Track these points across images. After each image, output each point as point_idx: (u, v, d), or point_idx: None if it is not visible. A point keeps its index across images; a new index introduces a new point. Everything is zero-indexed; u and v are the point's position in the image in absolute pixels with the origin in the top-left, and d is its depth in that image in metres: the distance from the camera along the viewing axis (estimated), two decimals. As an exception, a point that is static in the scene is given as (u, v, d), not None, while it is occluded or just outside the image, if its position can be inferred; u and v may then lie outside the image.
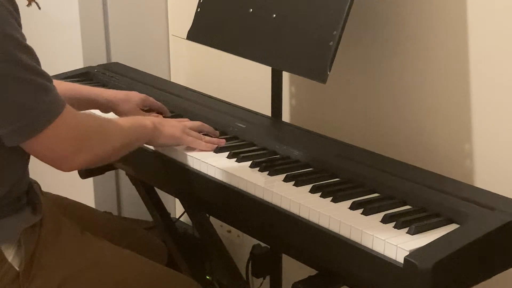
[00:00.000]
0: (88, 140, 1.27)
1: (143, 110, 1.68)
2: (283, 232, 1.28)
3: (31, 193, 1.35)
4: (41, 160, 1.26)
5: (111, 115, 1.64)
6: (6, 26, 1.16)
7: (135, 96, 1.67)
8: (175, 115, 1.71)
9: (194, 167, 1.46)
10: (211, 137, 1.54)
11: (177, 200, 2.42)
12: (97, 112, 1.65)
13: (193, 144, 1.49)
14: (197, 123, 1.56)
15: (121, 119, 1.46)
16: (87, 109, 1.65)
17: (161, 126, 1.46)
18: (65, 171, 1.28)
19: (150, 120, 1.46)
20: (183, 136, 1.49)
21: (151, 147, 1.54)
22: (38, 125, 1.20)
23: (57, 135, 1.22)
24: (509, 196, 1.27)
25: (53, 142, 1.22)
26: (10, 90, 1.17)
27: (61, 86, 1.30)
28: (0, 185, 1.26)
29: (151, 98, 1.70)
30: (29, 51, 1.20)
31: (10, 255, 1.27)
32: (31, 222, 1.31)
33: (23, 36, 1.20)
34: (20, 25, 1.21)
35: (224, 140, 1.54)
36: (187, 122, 1.55)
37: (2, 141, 1.21)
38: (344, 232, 1.17)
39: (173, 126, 1.49)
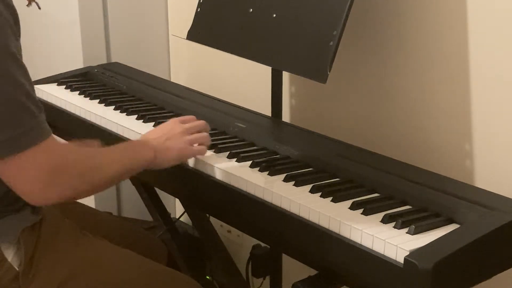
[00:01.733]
0: (65, 175, 1.19)
1: None
2: (283, 232, 1.28)
3: None
4: (12, 188, 1.19)
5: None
6: (4, 39, 1.13)
7: None
8: (175, 115, 1.71)
9: (194, 167, 1.46)
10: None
11: (177, 200, 2.42)
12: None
13: (199, 154, 1.44)
14: (196, 126, 1.48)
15: (117, 148, 1.36)
16: None
17: (161, 153, 1.37)
18: (33, 203, 1.21)
19: (152, 148, 1.37)
20: (187, 153, 1.43)
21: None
22: (6, 148, 1.13)
23: (30, 164, 1.15)
24: (509, 196, 1.27)
25: (24, 171, 1.15)
26: None
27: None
28: None
29: None
30: (23, 69, 1.16)
31: (10, 255, 1.27)
32: (30, 222, 1.30)
33: (19, 50, 1.17)
34: (18, 36, 1.18)
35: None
36: (188, 137, 1.44)
37: None
38: (344, 232, 1.17)
39: (174, 146, 1.40)
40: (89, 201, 2.18)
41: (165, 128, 1.44)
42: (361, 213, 1.21)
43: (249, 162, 1.43)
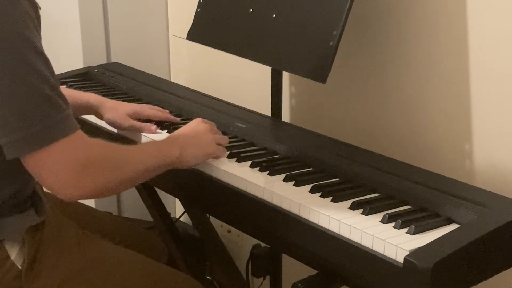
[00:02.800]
0: (95, 169, 1.18)
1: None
2: (283, 232, 1.28)
3: (35, 195, 1.34)
4: (42, 183, 1.18)
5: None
6: (26, 30, 1.12)
7: (126, 106, 1.63)
8: (175, 114, 1.71)
9: (194, 167, 1.46)
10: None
11: (177, 200, 2.42)
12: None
13: (222, 155, 1.44)
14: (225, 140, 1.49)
15: (143, 146, 1.38)
16: (76, 114, 1.64)
17: (186, 151, 1.37)
18: (65, 199, 1.19)
19: (177, 145, 1.36)
20: (213, 150, 1.41)
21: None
22: (37, 141, 1.12)
23: (60, 157, 1.14)
24: (509, 196, 1.27)
25: (53, 165, 1.14)
26: (16, 94, 1.11)
27: None
28: (6, 188, 1.26)
29: (149, 111, 1.64)
30: (46, 62, 1.16)
31: (13, 253, 1.28)
32: (34, 222, 1.31)
33: (41, 45, 1.16)
34: (39, 34, 1.18)
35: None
36: (214, 136, 1.44)
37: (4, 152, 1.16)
38: (344, 232, 1.17)
39: (201, 143, 1.41)
40: (89, 201, 2.18)
41: (192, 126, 1.45)
42: (361, 213, 1.21)
43: (249, 162, 1.43)
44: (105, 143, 1.27)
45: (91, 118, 1.72)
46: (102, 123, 1.69)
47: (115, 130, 1.65)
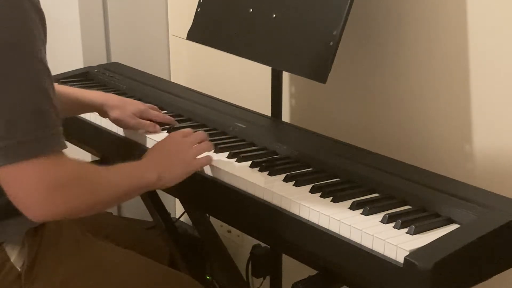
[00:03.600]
0: (67, 191, 1.14)
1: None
2: (283, 232, 1.28)
3: None
4: (12, 199, 1.13)
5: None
6: (28, 37, 1.11)
7: (132, 104, 1.63)
8: (175, 115, 1.72)
9: (194, 167, 1.46)
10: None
11: (177, 200, 2.42)
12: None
13: (206, 164, 1.41)
14: (197, 138, 1.44)
15: (120, 169, 1.30)
16: (80, 112, 1.64)
17: (166, 173, 1.34)
18: (33, 219, 1.15)
19: (155, 170, 1.32)
20: (194, 166, 1.39)
21: (148, 146, 1.54)
22: (14, 153, 1.09)
23: (34, 175, 1.10)
24: (509, 196, 1.27)
25: (26, 182, 1.10)
26: (8, 103, 1.08)
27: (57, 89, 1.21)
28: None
29: (152, 112, 1.63)
30: (47, 73, 1.14)
31: (13, 255, 1.28)
32: (35, 224, 1.30)
33: (44, 54, 1.15)
34: (43, 39, 1.16)
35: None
36: (193, 150, 1.40)
37: None
38: (344, 232, 1.17)
39: (181, 161, 1.38)
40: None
41: (168, 145, 1.41)
42: (361, 213, 1.21)
43: (249, 162, 1.43)
44: (82, 165, 1.23)
45: (91, 118, 1.73)
46: (102, 124, 1.69)
47: (115, 131, 1.65)
